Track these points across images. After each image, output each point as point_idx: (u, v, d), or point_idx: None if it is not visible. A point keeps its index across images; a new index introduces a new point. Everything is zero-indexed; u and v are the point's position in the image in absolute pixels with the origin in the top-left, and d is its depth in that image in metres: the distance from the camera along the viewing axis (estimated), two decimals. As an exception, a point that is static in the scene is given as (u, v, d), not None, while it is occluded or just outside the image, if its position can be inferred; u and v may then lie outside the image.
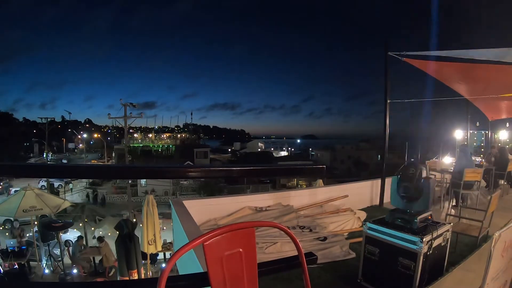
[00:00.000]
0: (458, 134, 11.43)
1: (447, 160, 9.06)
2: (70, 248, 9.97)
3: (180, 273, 3.32)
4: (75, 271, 8.79)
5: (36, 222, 9.64)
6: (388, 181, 5.98)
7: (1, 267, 7.99)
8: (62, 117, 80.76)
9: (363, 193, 6.67)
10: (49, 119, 28.33)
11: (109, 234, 12.34)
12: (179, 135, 58.63)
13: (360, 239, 3.66)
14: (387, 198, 6.07)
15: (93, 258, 9.46)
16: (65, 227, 9.42)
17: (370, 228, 3.04)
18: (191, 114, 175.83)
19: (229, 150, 61.87)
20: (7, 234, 11.79)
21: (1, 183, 26.26)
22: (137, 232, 7.21)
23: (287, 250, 3.81)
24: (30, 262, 9.01)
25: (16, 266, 8.24)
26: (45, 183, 25.06)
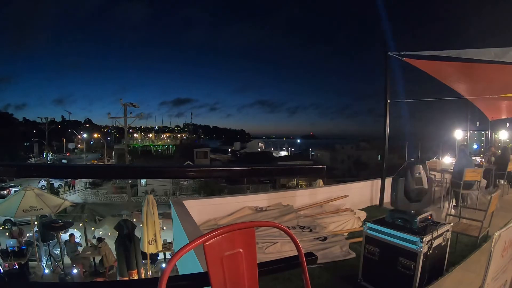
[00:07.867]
0: (458, 134, 11.43)
1: (447, 160, 9.07)
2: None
3: (180, 273, 3.32)
4: (75, 271, 8.79)
5: (36, 222, 9.64)
6: (388, 181, 5.98)
7: (1, 267, 7.98)
8: (62, 117, 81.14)
9: (363, 193, 6.67)
10: (49, 119, 28.45)
11: (109, 234, 12.32)
12: (179, 135, 58.75)
13: (360, 239, 3.66)
14: (387, 198, 6.07)
15: (93, 258, 9.46)
16: (65, 227, 9.41)
17: (370, 228, 3.04)
18: (191, 114, 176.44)
19: (229, 150, 61.89)
20: (7, 234, 11.78)
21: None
22: (137, 232, 7.21)
23: (287, 250, 3.81)
24: (30, 262, 9.01)
25: (16, 266, 8.24)
26: (45, 183, 25.08)
